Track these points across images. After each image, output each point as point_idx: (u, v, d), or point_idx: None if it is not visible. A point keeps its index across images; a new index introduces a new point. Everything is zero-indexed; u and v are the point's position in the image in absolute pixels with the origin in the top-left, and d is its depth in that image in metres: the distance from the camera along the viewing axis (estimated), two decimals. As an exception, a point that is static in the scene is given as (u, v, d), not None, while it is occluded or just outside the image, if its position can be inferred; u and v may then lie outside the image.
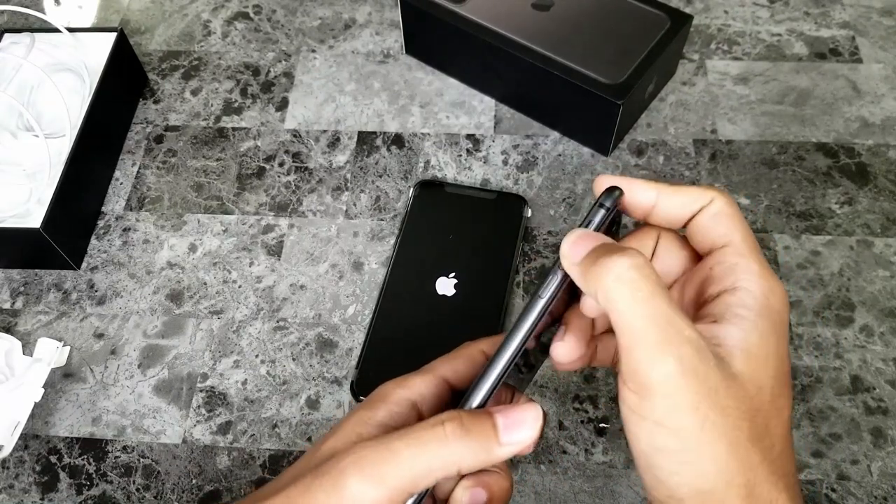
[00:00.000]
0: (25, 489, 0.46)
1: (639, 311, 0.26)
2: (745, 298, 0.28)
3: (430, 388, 0.31)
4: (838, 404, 0.46)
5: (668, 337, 0.25)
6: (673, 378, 0.25)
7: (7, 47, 0.60)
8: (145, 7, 0.69)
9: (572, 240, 0.29)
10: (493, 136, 0.59)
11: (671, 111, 0.59)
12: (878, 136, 0.57)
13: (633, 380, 0.26)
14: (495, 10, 0.58)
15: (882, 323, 0.49)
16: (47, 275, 0.54)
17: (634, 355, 0.26)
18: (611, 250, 0.27)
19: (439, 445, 0.27)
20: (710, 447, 0.26)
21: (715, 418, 0.25)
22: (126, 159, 0.60)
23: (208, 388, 0.49)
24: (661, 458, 0.26)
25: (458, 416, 0.28)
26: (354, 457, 0.27)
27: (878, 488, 0.43)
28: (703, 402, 0.25)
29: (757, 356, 0.27)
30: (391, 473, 0.27)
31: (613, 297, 0.26)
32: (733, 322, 0.28)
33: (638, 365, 0.26)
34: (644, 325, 0.26)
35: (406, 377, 0.32)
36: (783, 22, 0.64)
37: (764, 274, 0.29)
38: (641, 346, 0.26)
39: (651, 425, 0.26)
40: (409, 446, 0.27)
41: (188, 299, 0.52)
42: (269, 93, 0.63)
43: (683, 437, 0.26)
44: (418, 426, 0.28)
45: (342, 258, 0.54)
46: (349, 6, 0.68)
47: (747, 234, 0.30)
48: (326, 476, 0.27)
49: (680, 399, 0.25)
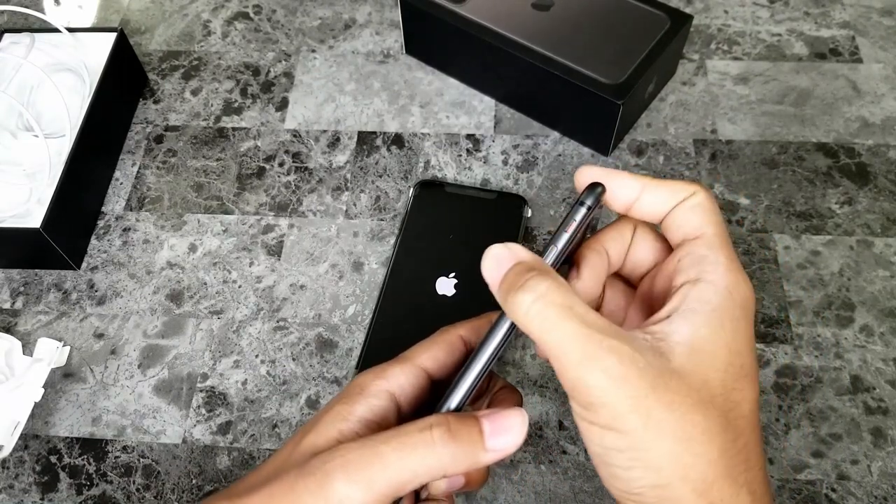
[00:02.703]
0: (25, 489, 0.46)
1: (555, 338, 0.27)
2: (704, 291, 0.28)
3: (408, 378, 0.31)
4: (838, 404, 0.46)
5: (588, 353, 0.26)
6: (605, 389, 0.26)
7: (7, 47, 0.60)
8: (145, 7, 0.69)
9: (490, 257, 0.30)
10: (493, 136, 0.59)
11: (671, 111, 0.59)
12: (879, 136, 0.57)
13: (573, 395, 0.27)
14: (495, 9, 0.58)
15: (882, 323, 0.49)
16: (47, 275, 0.54)
17: (565, 376, 0.27)
18: (517, 280, 0.28)
19: (427, 451, 0.28)
20: (658, 443, 0.26)
21: (660, 415, 0.26)
22: (126, 159, 0.60)
23: (208, 388, 0.49)
24: (614, 457, 0.27)
25: (446, 420, 0.28)
26: (342, 460, 0.27)
27: (878, 488, 0.43)
28: (640, 402, 0.26)
29: (702, 350, 0.27)
30: (378, 477, 0.27)
31: (529, 329, 0.27)
32: (684, 316, 0.28)
33: (572, 383, 0.27)
34: (564, 349, 0.26)
35: (384, 367, 0.32)
36: (783, 22, 0.64)
37: (730, 267, 0.29)
38: (567, 366, 0.26)
39: (599, 429, 0.27)
40: (397, 450, 0.27)
41: (188, 299, 0.52)
42: (269, 93, 0.63)
43: (630, 437, 0.26)
44: (405, 429, 0.28)
45: (342, 258, 0.53)
46: (349, 6, 0.68)
47: (720, 228, 0.30)
48: (311, 477, 0.27)
49: (618, 405, 0.26)
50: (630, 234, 0.33)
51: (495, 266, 0.29)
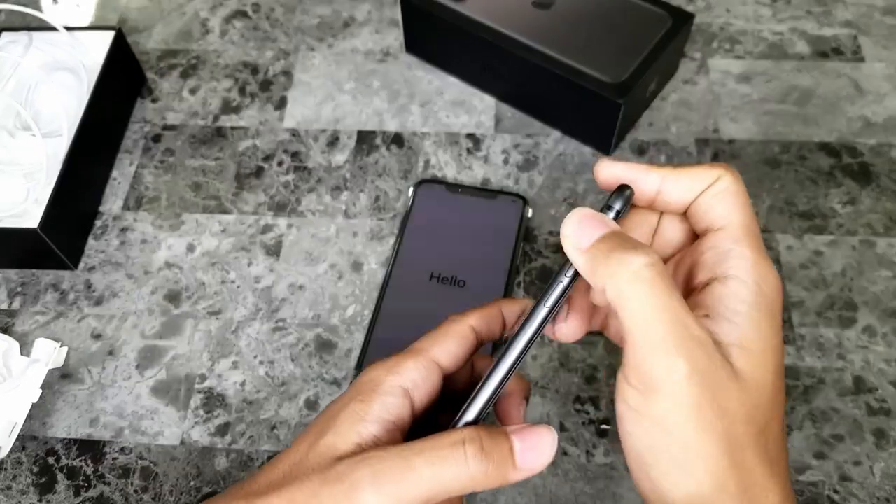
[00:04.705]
0: (23, 490, 0.45)
1: (651, 311, 0.25)
2: (737, 290, 0.27)
3: (421, 373, 0.30)
4: (841, 405, 0.46)
5: (679, 337, 0.25)
6: (681, 378, 0.25)
7: (4, 46, 0.59)
8: (143, 5, 0.69)
9: (577, 220, 0.28)
10: (494, 136, 0.59)
11: (673, 110, 0.59)
12: (881, 136, 0.57)
13: (638, 377, 0.26)
14: (496, 8, 0.58)
15: (885, 323, 0.48)
16: (44, 275, 0.54)
17: (643, 353, 0.25)
18: (625, 244, 0.26)
19: (458, 468, 0.27)
20: (705, 449, 0.25)
21: (713, 420, 0.25)
22: (124, 159, 0.59)
23: (206, 390, 0.48)
24: (655, 458, 0.26)
25: (479, 436, 0.28)
26: (371, 470, 0.27)
27: (880, 489, 0.43)
28: (704, 403, 0.25)
29: (755, 352, 0.26)
30: (409, 492, 0.26)
31: (628, 294, 0.26)
32: (728, 317, 0.27)
33: (645, 363, 0.25)
34: (656, 325, 0.25)
35: (396, 361, 0.31)
36: (785, 21, 0.64)
37: (757, 261, 0.28)
38: (652, 344, 0.25)
39: (649, 423, 0.26)
40: (429, 465, 0.27)
41: (186, 300, 0.52)
42: (267, 91, 0.62)
43: (679, 438, 0.25)
44: (437, 443, 0.27)
45: (341, 258, 0.53)
46: (349, 4, 0.68)
47: (747, 215, 0.29)
48: (338, 485, 0.26)
49: (683, 399, 0.25)
50: (655, 218, 0.31)
51: (587, 224, 0.27)
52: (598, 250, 0.27)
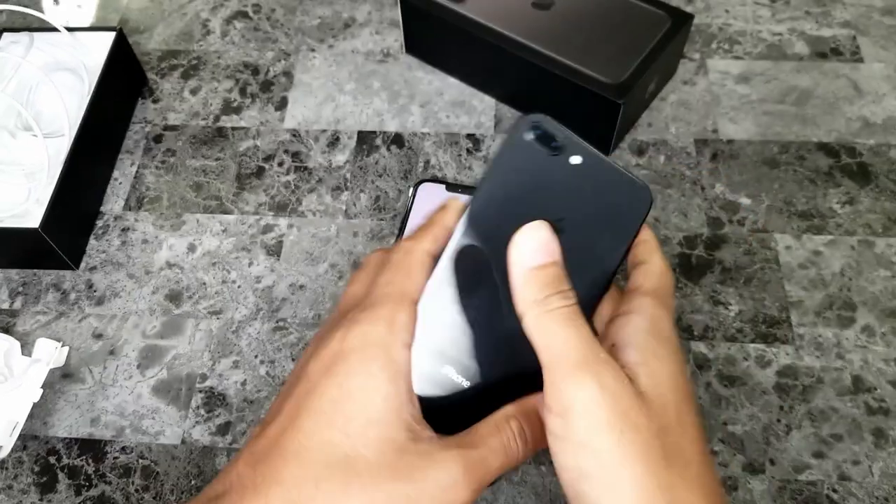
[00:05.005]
0: (24, 490, 0.46)
1: (562, 339, 0.27)
2: (637, 322, 0.30)
3: (412, 320, 0.30)
4: (839, 405, 0.46)
5: (587, 360, 0.27)
6: (592, 397, 0.26)
7: (6, 47, 0.60)
8: (144, 6, 0.69)
9: (532, 239, 0.29)
10: (494, 136, 0.59)
11: (672, 110, 0.59)
12: (880, 136, 0.57)
13: (556, 401, 0.27)
14: (496, 8, 0.58)
15: (883, 323, 0.49)
16: (46, 275, 0.54)
17: (558, 375, 0.27)
18: (555, 282, 0.29)
19: (513, 456, 0.29)
20: (629, 468, 0.26)
21: (631, 436, 0.26)
22: (125, 159, 0.59)
23: (207, 389, 0.48)
24: (588, 485, 0.27)
25: (521, 427, 0.30)
26: (462, 466, 0.28)
27: (879, 489, 0.43)
28: (618, 420, 0.26)
29: (659, 373, 0.28)
30: (484, 483, 0.29)
31: (543, 325, 0.28)
32: (629, 343, 0.29)
33: (559, 384, 0.27)
34: (568, 350, 0.27)
35: (390, 312, 0.30)
36: (784, 21, 0.64)
37: (653, 301, 0.30)
38: (564, 367, 0.27)
39: (574, 448, 0.27)
40: (496, 457, 0.29)
41: (187, 299, 0.52)
42: (268, 92, 0.63)
43: (603, 458, 0.26)
44: (494, 436, 0.29)
45: (342, 258, 0.53)
46: (349, 5, 0.68)
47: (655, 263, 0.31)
48: (432, 482, 0.28)
49: (599, 417, 0.26)
50: None
51: (540, 251, 0.29)
52: (533, 277, 0.29)
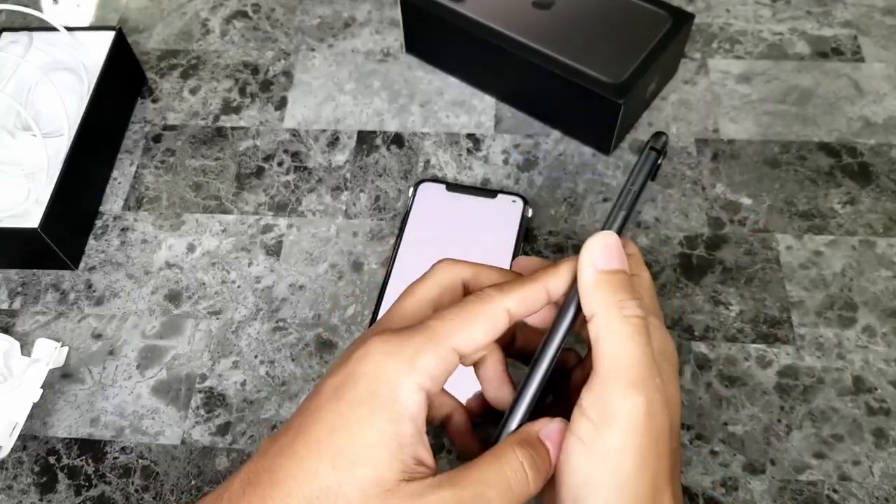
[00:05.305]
0: (24, 490, 0.45)
1: (627, 351, 0.27)
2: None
3: (440, 366, 0.27)
4: (840, 405, 0.46)
5: (645, 379, 0.27)
6: (636, 419, 0.27)
7: (5, 46, 0.60)
8: (143, 6, 0.69)
9: (604, 243, 0.29)
10: (494, 136, 0.59)
11: (673, 110, 0.59)
12: (881, 136, 0.57)
13: (598, 408, 0.27)
14: (496, 8, 0.58)
15: (884, 323, 0.48)
16: (45, 275, 0.54)
17: (610, 385, 0.27)
18: (628, 288, 0.29)
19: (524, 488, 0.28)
20: (639, 487, 0.27)
21: (653, 461, 0.27)
22: (124, 159, 0.59)
23: (207, 389, 0.48)
24: (590, 494, 0.27)
25: (531, 458, 0.29)
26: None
27: (879, 489, 0.43)
28: (650, 443, 0.27)
29: (673, 396, 0.29)
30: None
31: (613, 329, 0.28)
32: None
33: (609, 395, 0.27)
34: (629, 363, 0.27)
35: (414, 352, 0.27)
36: (785, 21, 0.64)
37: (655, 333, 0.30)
38: (620, 379, 0.27)
39: (595, 457, 0.27)
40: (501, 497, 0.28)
41: (187, 300, 0.52)
42: (268, 92, 0.62)
43: (620, 474, 0.27)
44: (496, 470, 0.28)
45: (342, 258, 0.53)
46: (349, 4, 0.68)
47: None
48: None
49: (634, 435, 0.27)
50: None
51: (612, 253, 0.29)
52: (606, 279, 0.28)
